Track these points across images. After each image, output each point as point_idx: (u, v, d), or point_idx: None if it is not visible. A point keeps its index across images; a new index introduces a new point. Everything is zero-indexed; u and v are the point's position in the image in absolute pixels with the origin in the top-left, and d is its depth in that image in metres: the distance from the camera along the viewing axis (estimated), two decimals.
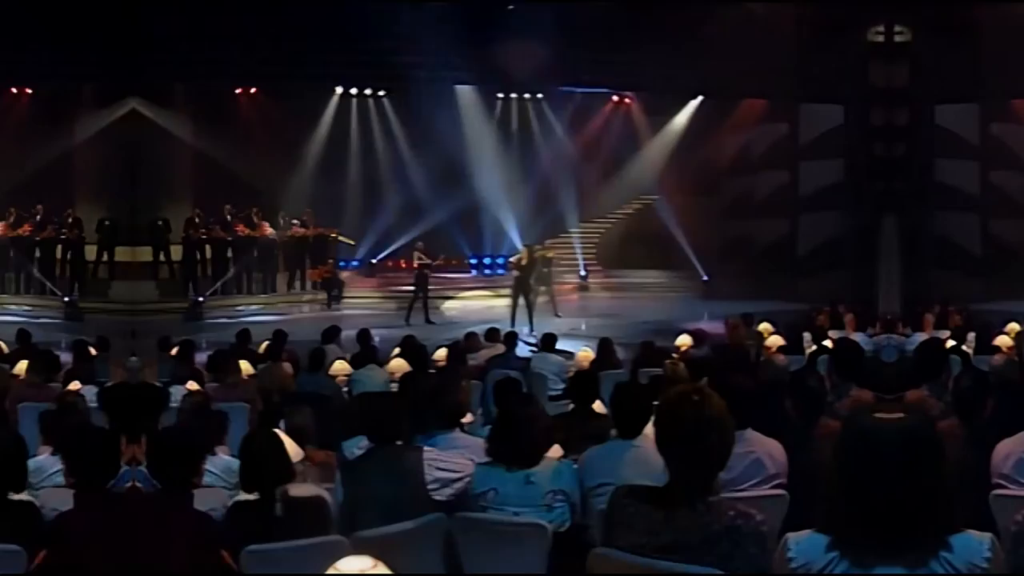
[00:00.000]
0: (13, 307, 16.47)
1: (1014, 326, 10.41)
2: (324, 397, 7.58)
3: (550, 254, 17.61)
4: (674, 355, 9.50)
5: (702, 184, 20.69)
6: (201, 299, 17.12)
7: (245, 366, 8.44)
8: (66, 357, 9.28)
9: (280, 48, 16.77)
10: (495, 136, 19.84)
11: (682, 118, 21.04)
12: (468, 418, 4.97)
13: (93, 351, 9.56)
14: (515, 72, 18.45)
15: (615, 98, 21.22)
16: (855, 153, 19.18)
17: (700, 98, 20.84)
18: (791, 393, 4.37)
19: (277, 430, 4.39)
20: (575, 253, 20.37)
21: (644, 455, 3.98)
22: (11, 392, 7.13)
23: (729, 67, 18.51)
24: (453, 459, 4.08)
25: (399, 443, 4.11)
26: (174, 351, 9.62)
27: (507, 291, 18.78)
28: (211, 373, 8.67)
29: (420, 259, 17.10)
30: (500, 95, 20.25)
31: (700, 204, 20.54)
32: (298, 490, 3.89)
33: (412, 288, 17.18)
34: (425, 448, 4.12)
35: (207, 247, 17.81)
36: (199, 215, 17.88)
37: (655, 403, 2.59)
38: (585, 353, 9.83)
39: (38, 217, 17.53)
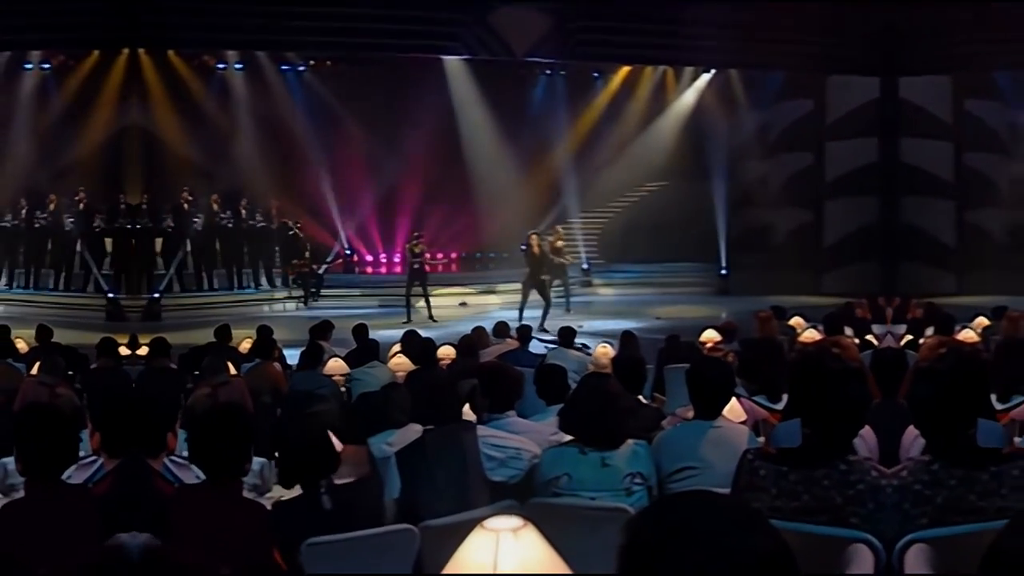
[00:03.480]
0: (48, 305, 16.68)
1: (982, 320, 10.62)
2: (322, 397, 7.64)
3: (559, 242, 17.61)
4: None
5: (714, 168, 20.92)
6: (157, 295, 17.10)
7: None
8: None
9: (249, 15, 16.82)
10: (487, 115, 19.93)
11: (691, 95, 21.30)
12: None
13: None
14: (509, 43, 18.55)
15: (620, 72, 21.38)
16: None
17: (712, 72, 21.04)
18: None
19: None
20: (577, 245, 20.52)
21: (725, 436, 4.14)
22: (20, 393, 7.11)
23: (745, 36, 18.69)
24: (508, 436, 4.23)
25: (452, 425, 4.24)
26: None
27: (501, 288, 19.01)
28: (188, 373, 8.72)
29: (417, 251, 17.13)
30: (493, 69, 20.33)
31: (711, 190, 20.78)
32: (343, 478, 3.99)
33: (407, 283, 17.23)
34: (479, 427, 4.28)
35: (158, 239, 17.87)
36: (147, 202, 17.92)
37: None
38: (604, 349, 9.85)
39: (82, 205, 17.61)
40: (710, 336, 10.42)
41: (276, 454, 4.33)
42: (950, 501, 2.45)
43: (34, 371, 7.62)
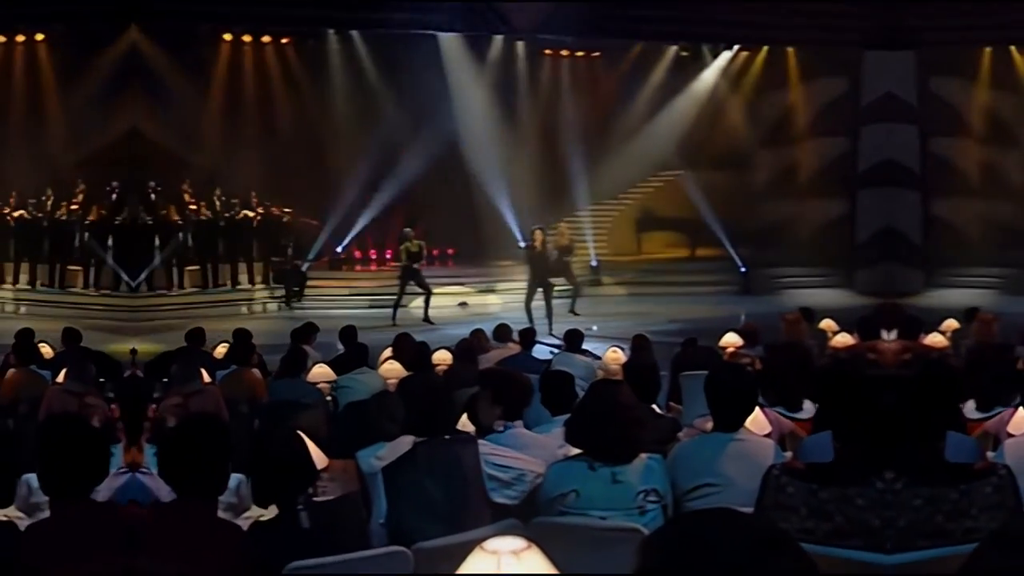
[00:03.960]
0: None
1: (951, 323, 10.61)
2: (305, 407, 7.63)
3: (565, 239, 17.59)
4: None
5: (736, 156, 20.89)
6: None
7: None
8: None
9: None
10: (486, 97, 19.95)
11: (710, 75, 21.30)
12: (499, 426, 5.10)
13: None
14: (511, 18, 18.54)
15: (631, 51, 21.37)
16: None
17: (734, 48, 21.05)
18: None
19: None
20: (584, 240, 20.52)
21: (748, 449, 4.13)
22: (45, 402, 7.10)
23: (771, 8, 18.69)
24: (513, 455, 4.20)
25: (448, 437, 4.23)
26: None
27: (502, 287, 18.99)
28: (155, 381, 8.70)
29: (414, 251, 17.10)
30: (492, 47, 20.35)
31: (734, 180, 20.74)
32: (323, 495, 3.99)
33: (400, 284, 17.22)
34: (481, 442, 4.25)
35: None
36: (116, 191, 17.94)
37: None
38: (614, 354, 9.87)
39: (114, 196, 17.69)
40: (731, 340, 10.40)
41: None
42: (915, 524, 2.44)
43: (60, 379, 7.58)
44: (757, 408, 4.46)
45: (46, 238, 18.01)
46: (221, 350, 10.33)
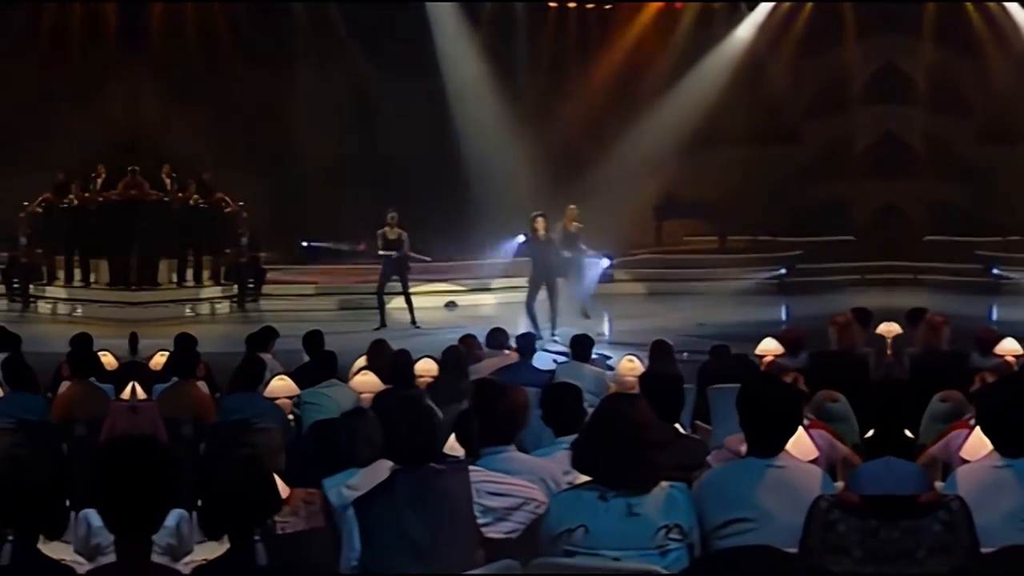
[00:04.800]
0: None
1: (891, 326, 10.64)
2: (262, 429, 7.61)
3: (573, 226, 17.55)
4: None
5: (777, 127, 20.88)
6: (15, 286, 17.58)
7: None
8: None
9: None
10: (480, 66, 20.06)
11: (747, 30, 21.34)
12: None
13: None
14: None
15: (651, 5, 21.42)
16: None
17: (772, 2, 21.08)
18: None
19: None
20: (597, 229, 20.47)
21: (790, 478, 4.13)
22: (107, 423, 7.11)
23: None
24: (511, 481, 4.22)
25: (433, 464, 4.24)
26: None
27: (497, 284, 19.03)
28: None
29: (392, 238, 17.05)
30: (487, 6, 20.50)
31: (774, 157, 20.71)
32: (284, 526, 4.00)
33: (380, 278, 17.17)
34: (472, 468, 4.26)
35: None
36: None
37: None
38: (630, 363, 9.98)
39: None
40: (769, 347, 10.48)
41: (199, 502, 4.33)
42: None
43: (125, 394, 7.57)
44: (801, 428, 4.45)
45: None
46: (159, 360, 10.30)
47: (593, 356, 10.35)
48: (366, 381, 8.76)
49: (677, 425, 6.01)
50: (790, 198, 20.62)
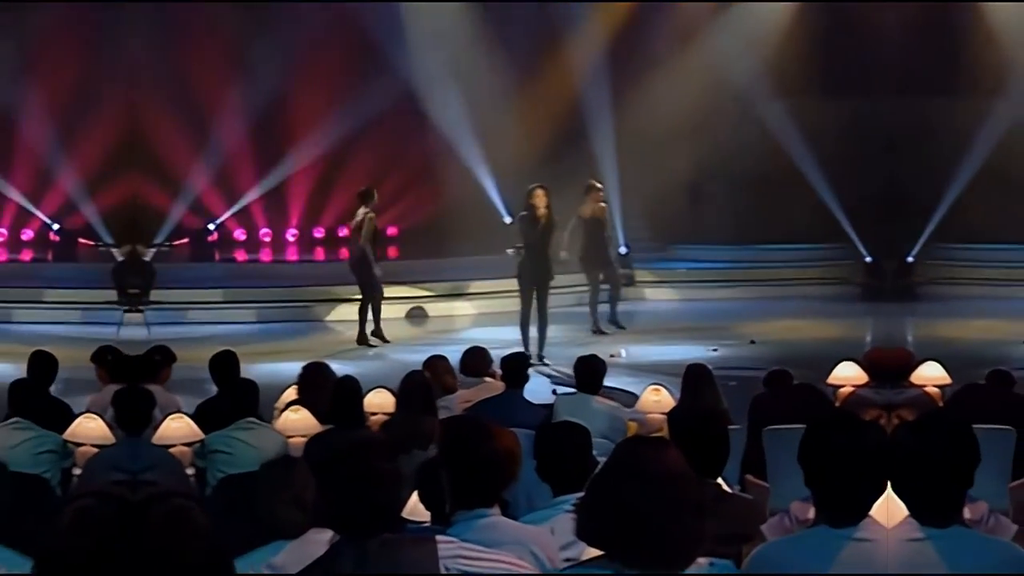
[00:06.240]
0: None
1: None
2: (150, 483, 7.59)
3: (599, 210, 17.22)
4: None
5: (860, 73, 20.87)
6: None
7: None
8: None
9: None
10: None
11: None
12: None
13: None
14: None
15: None
16: None
17: None
18: None
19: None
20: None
21: (873, 553, 4.14)
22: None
23: None
24: (493, 557, 4.23)
25: (388, 534, 4.22)
26: None
27: (476, 287, 19.10)
28: None
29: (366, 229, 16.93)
30: None
31: (855, 114, 20.76)
32: None
33: (360, 279, 17.08)
34: (441, 539, 4.24)
35: None
36: None
37: None
38: (656, 395, 10.02)
39: None
40: (847, 375, 10.51)
41: None
42: None
43: None
44: (890, 488, 4.43)
45: None
46: None
47: (605, 385, 10.25)
48: (297, 420, 8.80)
49: (721, 480, 6.01)
50: (877, 170, 20.60)
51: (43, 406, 9.21)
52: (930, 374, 10.30)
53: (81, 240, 21.54)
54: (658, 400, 9.84)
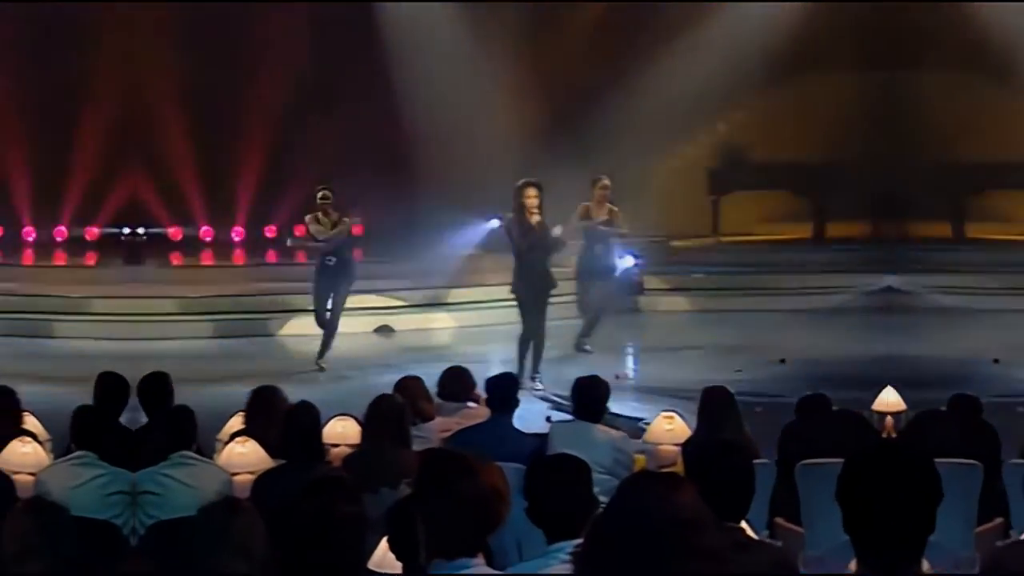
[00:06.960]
0: None
1: None
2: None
3: (606, 209, 17.05)
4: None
5: (910, 43, 20.98)
6: None
7: None
8: None
9: None
10: None
11: None
12: None
13: None
14: None
15: None
16: None
17: None
18: None
19: None
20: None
21: None
22: None
23: None
24: None
25: None
26: None
27: (456, 296, 19.25)
28: None
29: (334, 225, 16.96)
30: None
31: (903, 89, 20.86)
32: None
33: (316, 287, 17.06)
34: None
35: None
36: None
37: None
38: (668, 423, 10.10)
39: None
40: (891, 400, 10.60)
41: None
42: None
43: None
44: None
45: None
46: None
47: (608, 411, 10.29)
48: (243, 454, 8.84)
49: (745, 524, 6.04)
50: (931, 154, 20.74)
51: (113, 438, 8.98)
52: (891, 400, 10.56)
53: None
54: (671, 429, 9.94)
